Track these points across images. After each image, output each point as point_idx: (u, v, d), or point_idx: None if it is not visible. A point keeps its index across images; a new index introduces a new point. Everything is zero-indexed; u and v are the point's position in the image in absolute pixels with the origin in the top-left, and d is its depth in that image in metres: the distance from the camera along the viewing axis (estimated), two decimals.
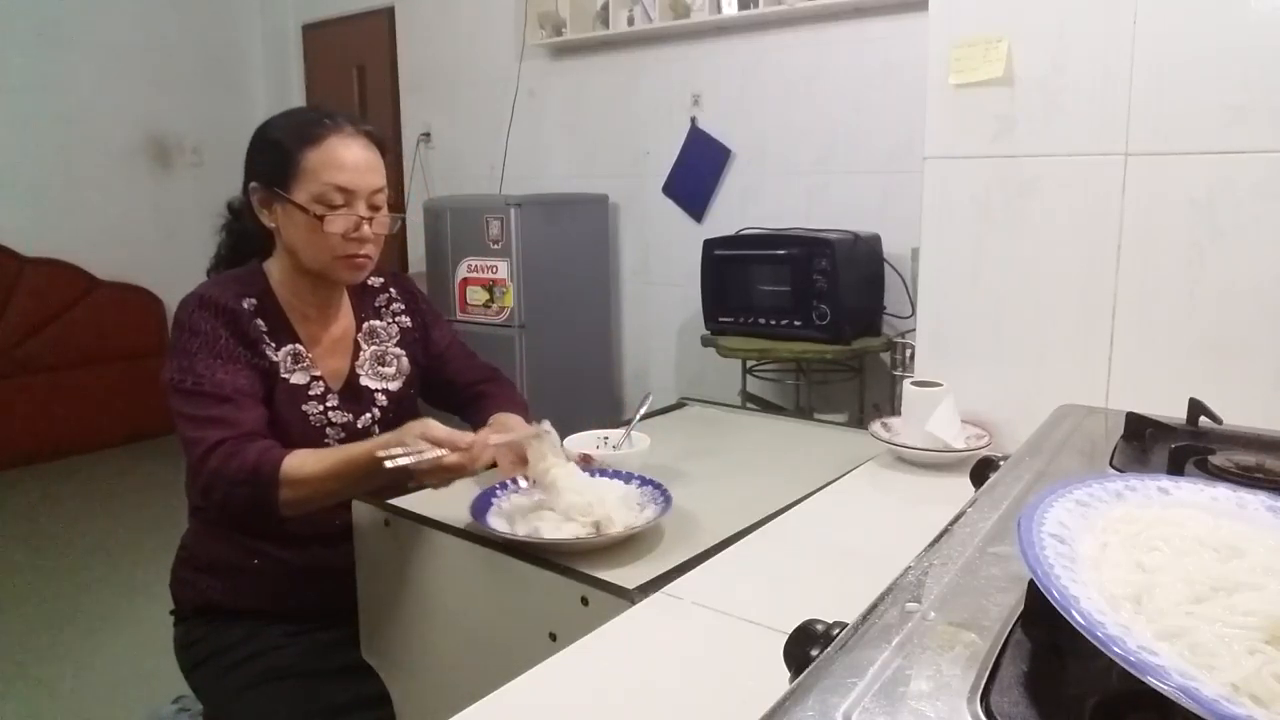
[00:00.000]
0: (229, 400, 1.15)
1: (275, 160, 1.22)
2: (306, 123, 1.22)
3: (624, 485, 1.10)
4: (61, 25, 4.16)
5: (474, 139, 3.90)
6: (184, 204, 4.60)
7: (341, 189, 1.20)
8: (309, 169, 1.20)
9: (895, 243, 2.67)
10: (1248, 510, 0.53)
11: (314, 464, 1.11)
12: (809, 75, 2.88)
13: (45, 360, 4.01)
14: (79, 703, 2.15)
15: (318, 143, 1.20)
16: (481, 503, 1.06)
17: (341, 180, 1.20)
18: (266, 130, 1.26)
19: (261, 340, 1.22)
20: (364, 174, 1.22)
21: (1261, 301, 1.04)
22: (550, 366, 3.13)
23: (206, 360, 1.17)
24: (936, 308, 1.29)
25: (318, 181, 1.19)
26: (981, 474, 0.89)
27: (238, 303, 1.22)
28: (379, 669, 1.20)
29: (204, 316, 1.20)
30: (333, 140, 1.21)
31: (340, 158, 1.20)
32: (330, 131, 1.21)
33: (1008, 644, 0.44)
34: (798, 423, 1.73)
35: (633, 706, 0.69)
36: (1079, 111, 1.13)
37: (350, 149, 1.22)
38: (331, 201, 1.20)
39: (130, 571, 2.82)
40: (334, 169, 1.20)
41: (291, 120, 1.25)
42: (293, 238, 1.23)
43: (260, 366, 1.21)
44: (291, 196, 1.20)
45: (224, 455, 1.11)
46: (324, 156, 1.20)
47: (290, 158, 1.20)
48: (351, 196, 1.21)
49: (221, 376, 1.16)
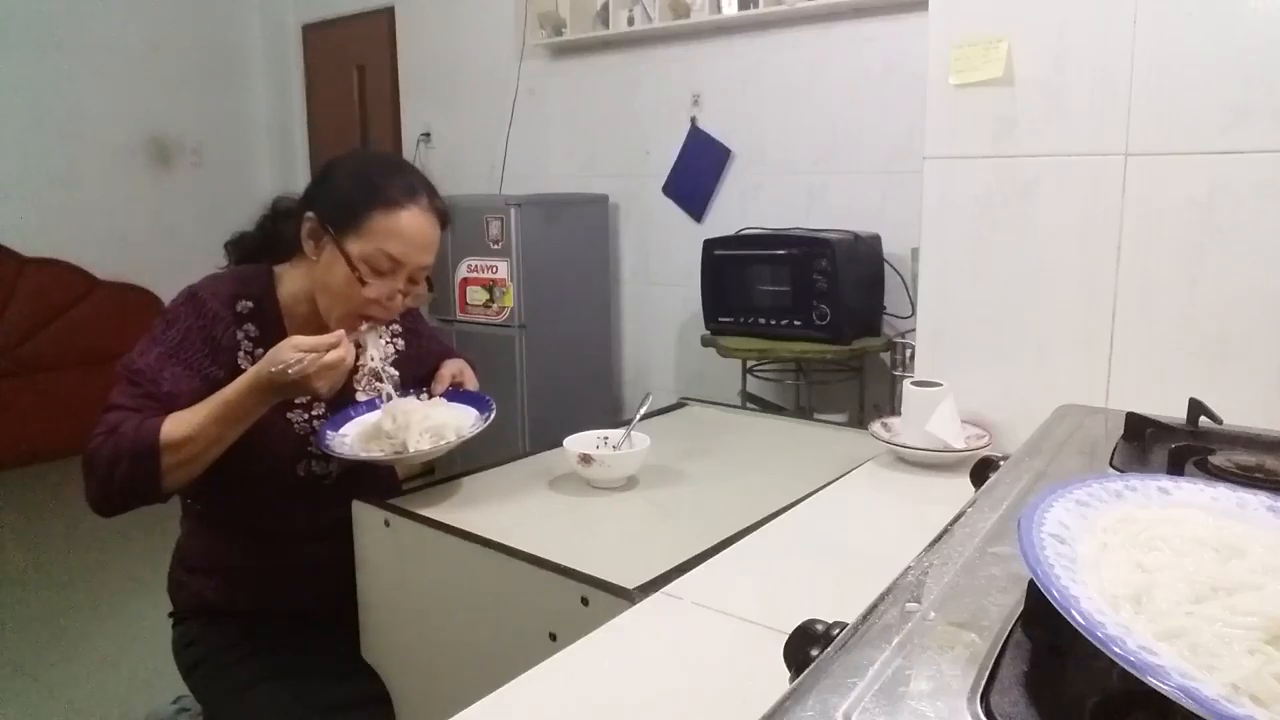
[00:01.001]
0: (157, 399, 1.13)
1: (342, 205, 1.19)
2: (387, 180, 1.19)
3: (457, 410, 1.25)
4: (62, 25, 4.16)
5: (474, 139, 3.90)
6: (184, 204, 4.61)
7: (393, 258, 1.17)
8: (372, 230, 1.16)
9: (895, 243, 2.68)
10: (1248, 510, 0.53)
11: (189, 417, 1.09)
12: (809, 75, 2.88)
13: (45, 360, 4.01)
14: (79, 703, 2.15)
15: (391, 208, 1.17)
16: (335, 423, 1.22)
17: (398, 251, 1.17)
18: (343, 167, 1.24)
19: (237, 349, 1.20)
20: (421, 251, 1.20)
21: (1261, 301, 1.04)
22: (550, 366, 3.13)
23: (164, 355, 1.15)
24: (936, 308, 1.29)
25: (374, 245, 1.16)
26: (981, 474, 0.89)
27: (228, 306, 1.20)
28: (379, 669, 1.20)
29: (186, 313, 1.19)
30: (406, 211, 1.18)
31: (406, 231, 1.18)
32: (407, 201, 1.18)
33: (1008, 644, 0.44)
34: (798, 423, 1.73)
35: (633, 707, 0.69)
36: (1079, 111, 1.12)
37: (419, 225, 1.19)
38: (379, 267, 1.17)
39: (130, 571, 2.82)
40: (396, 240, 1.17)
41: (371, 168, 1.23)
42: (326, 279, 1.20)
43: (214, 378, 1.16)
44: (344, 245, 1.17)
45: (105, 435, 1.09)
46: (392, 225, 1.17)
47: (358, 211, 1.17)
48: (399, 267, 1.19)
49: (166, 375, 1.14)
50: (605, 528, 1.10)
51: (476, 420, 1.24)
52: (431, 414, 1.21)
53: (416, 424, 1.17)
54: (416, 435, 1.16)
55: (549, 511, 1.14)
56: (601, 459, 1.19)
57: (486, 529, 1.05)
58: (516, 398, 3.05)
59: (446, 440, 1.18)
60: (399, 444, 1.16)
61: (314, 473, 1.25)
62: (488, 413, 1.26)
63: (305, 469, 1.25)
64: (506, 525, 1.07)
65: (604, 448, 1.25)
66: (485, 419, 1.24)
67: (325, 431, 1.21)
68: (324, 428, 1.22)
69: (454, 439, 1.18)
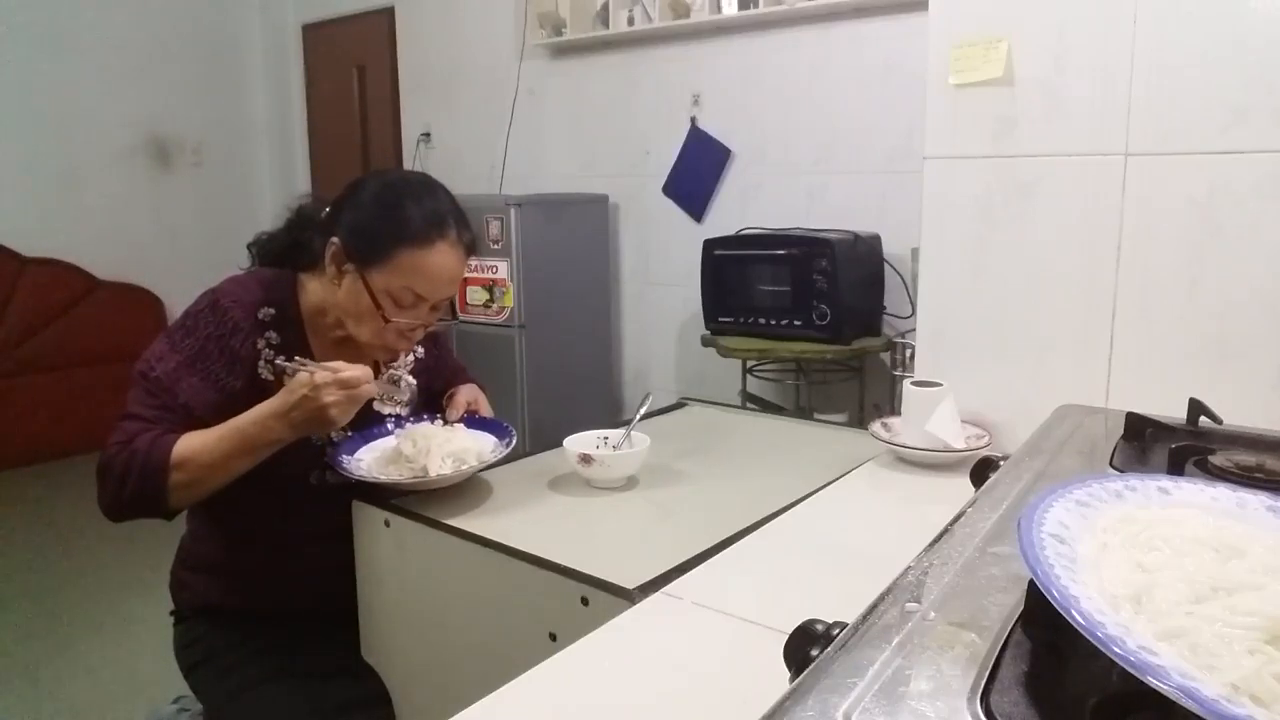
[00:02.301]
0: (172, 410, 1.13)
1: (368, 236, 1.16)
2: (419, 214, 1.16)
3: (474, 436, 1.24)
4: (61, 25, 4.16)
5: (474, 139, 3.90)
6: (184, 204, 4.61)
7: (419, 295, 1.17)
8: (400, 266, 1.15)
9: (895, 243, 2.68)
10: (1248, 510, 0.53)
11: (203, 440, 1.10)
12: (809, 75, 2.88)
13: (45, 360, 4.01)
14: (79, 703, 2.15)
15: (421, 246, 1.15)
16: (348, 448, 1.21)
17: (424, 290, 1.17)
18: (373, 191, 1.20)
19: (257, 358, 1.18)
20: (446, 286, 1.20)
21: (1261, 301, 1.04)
22: (550, 366, 3.13)
23: (181, 364, 1.15)
24: (936, 308, 1.29)
25: (401, 280, 1.15)
26: (981, 474, 0.89)
27: (250, 314, 1.18)
28: (379, 669, 1.20)
29: (205, 321, 1.17)
30: (436, 251, 1.16)
31: (434, 270, 1.16)
32: (438, 239, 1.16)
33: (1008, 644, 0.44)
34: (798, 423, 1.73)
35: (633, 707, 0.69)
36: (1079, 111, 1.12)
37: (447, 264, 1.18)
38: (403, 302, 1.17)
39: (130, 571, 2.82)
40: (422, 279, 1.16)
41: (403, 197, 1.18)
42: (347, 306, 1.19)
43: (230, 389, 1.15)
44: (368, 277, 1.15)
45: (120, 447, 1.09)
46: (420, 263, 1.15)
47: (386, 244, 1.15)
48: (423, 302, 1.19)
49: (183, 386, 1.14)
50: (605, 528, 1.10)
51: (496, 446, 1.23)
52: (452, 438, 1.20)
53: (437, 448, 1.16)
54: (438, 460, 1.15)
55: (549, 511, 1.14)
56: (602, 459, 1.19)
57: (486, 529, 1.05)
58: (516, 398, 3.05)
59: (468, 465, 1.16)
60: (419, 468, 1.14)
61: (326, 482, 1.24)
62: (507, 439, 1.25)
63: (318, 478, 1.24)
64: (506, 525, 1.07)
65: (604, 448, 1.25)
66: (506, 444, 1.23)
67: (340, 457, 1.19)
68: (338, 452, 1.20)
69: (475, 463, 1.17)
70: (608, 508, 1.16)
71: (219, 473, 1.11)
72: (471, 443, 1.22)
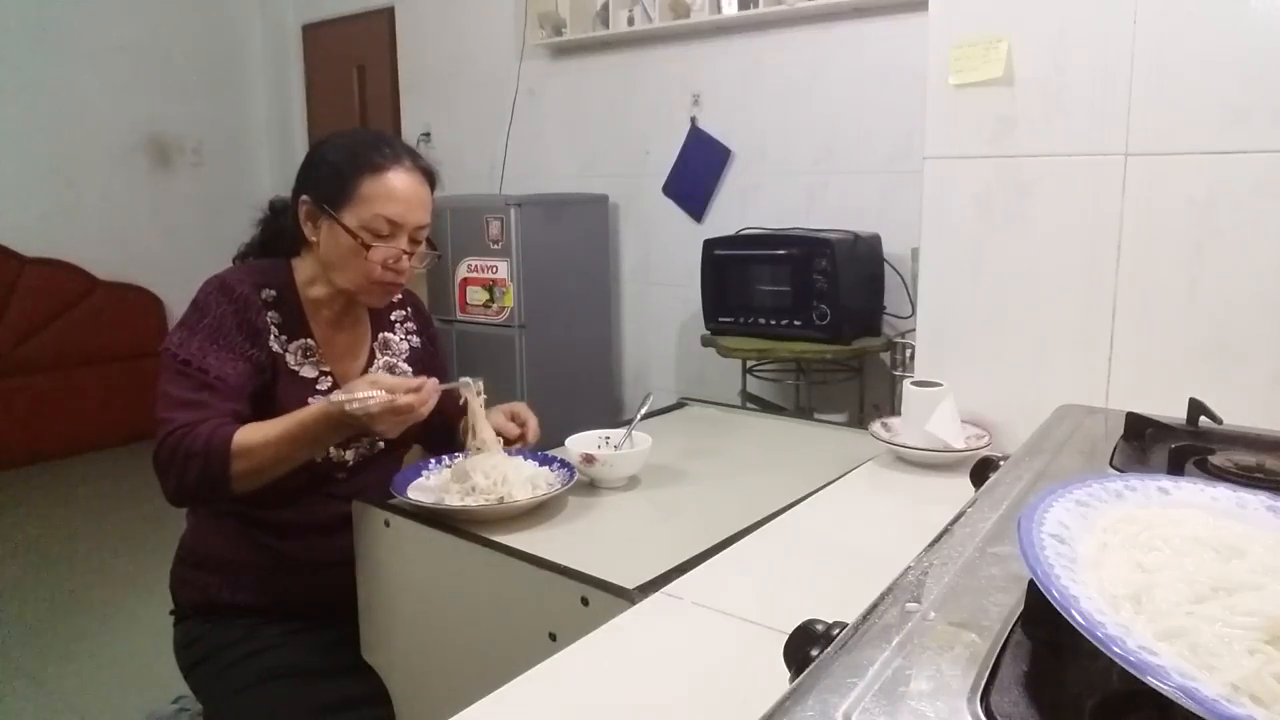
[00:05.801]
0: (210, 387, 1.16)
1: (331, 180, 1.23)
2: (368, 149, 1.23)
3: (534, 465, 1.21)
4: (61, 25, 4.16)
5: (474, 139, 3.90)
6: (184, 204, 4.61)
7: (391, 221, 1.22)
8: (364, 196, 1.21)
9: (895, 243, 2.68)
10: (1248, 510, 0.53)
11: (264, 431, 1.13)
12: (809, 75, 2.88)
13: (45, 360, 4.01)
14: (79, 702, 2.15)
15: (377, 172, 1.22)
16: (405, 478, 1.18)
17: (392, 213, 1.22)
18: (326, 148, 1.28)
19: (268, 331, 1.24)
20: (415, 209, 1.24)
21: (1261, 301, 1.04)
22: (550, 366, 3.13)
23: (205, 342, 1.19)
24: (936, 308, 1.29)
25: (370, 210, 1.21)
26: (981, 474, 0.89)
27: (255, 292, 1.24)
28: (379, 669, 1.20)
29: (218, 300, 1.22)
30: (392, 172, 1.23)
31: (396, 190, 1.22)
32: (391, 163, 1.23)
33: (1008, 644, 0.44)
34: (798, 423, 1.73)
35: (632, 707, 0.69)
36: (1079, 111, 1.12)
37: (407, 183, 1.24)
38: (378, 231, 1.22)
39: (130, 571, 2.82)
40: (388, 201, 1.22)
41: (353, 143, 1.26)
42: (332, 256, 1.25)
43: (256, 359, 1.22)
44: (341, 218, 1.22)
45: (180, 435, 1.12)
46: (380, 187, 1.22)
47: (347, 181, 1.22)
48: (398, 229, 1.23)
49: (212, 361, 1.18)
50: (605, 528, 1.10)
51: (565, 475, 1.18)
52: (522, 467, 1.18)
53: (513, 476, 1.14)
54: (518, 487, 1.12)
55: (548, 511, 1.14)
56: (605, 459, 1.19)
57: (487, 529, 1.05)
58: (516, 398, 3.01)
59: (544, 491, 1.13)
60: (494, 498, 1.10)
61: (330, 460, 1.27)
62: (570, 472, 1.19)
63: (323, 455, 1.25)
64: (506, 525, 1.07)
65: (605, 447, 1.25)
66: (573, 476, 1.18)
67: (400, 483, 1.17)
68: (398, 480, 1.18)
69: (547, 489, 1.14)
70: (607, 508, 1.16)
71: (279, 461, 1.15)
72: (536, 471, 1.19)
